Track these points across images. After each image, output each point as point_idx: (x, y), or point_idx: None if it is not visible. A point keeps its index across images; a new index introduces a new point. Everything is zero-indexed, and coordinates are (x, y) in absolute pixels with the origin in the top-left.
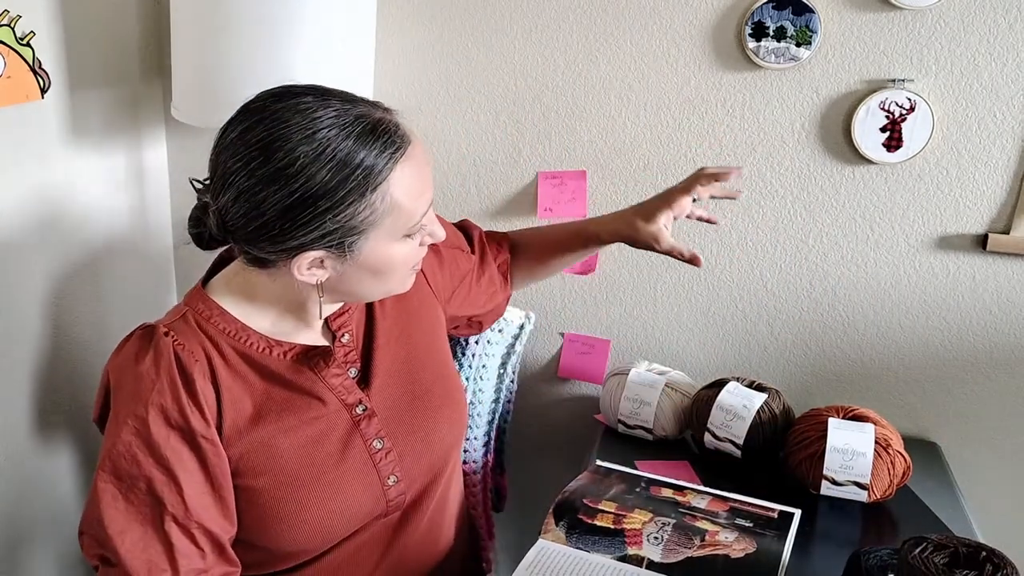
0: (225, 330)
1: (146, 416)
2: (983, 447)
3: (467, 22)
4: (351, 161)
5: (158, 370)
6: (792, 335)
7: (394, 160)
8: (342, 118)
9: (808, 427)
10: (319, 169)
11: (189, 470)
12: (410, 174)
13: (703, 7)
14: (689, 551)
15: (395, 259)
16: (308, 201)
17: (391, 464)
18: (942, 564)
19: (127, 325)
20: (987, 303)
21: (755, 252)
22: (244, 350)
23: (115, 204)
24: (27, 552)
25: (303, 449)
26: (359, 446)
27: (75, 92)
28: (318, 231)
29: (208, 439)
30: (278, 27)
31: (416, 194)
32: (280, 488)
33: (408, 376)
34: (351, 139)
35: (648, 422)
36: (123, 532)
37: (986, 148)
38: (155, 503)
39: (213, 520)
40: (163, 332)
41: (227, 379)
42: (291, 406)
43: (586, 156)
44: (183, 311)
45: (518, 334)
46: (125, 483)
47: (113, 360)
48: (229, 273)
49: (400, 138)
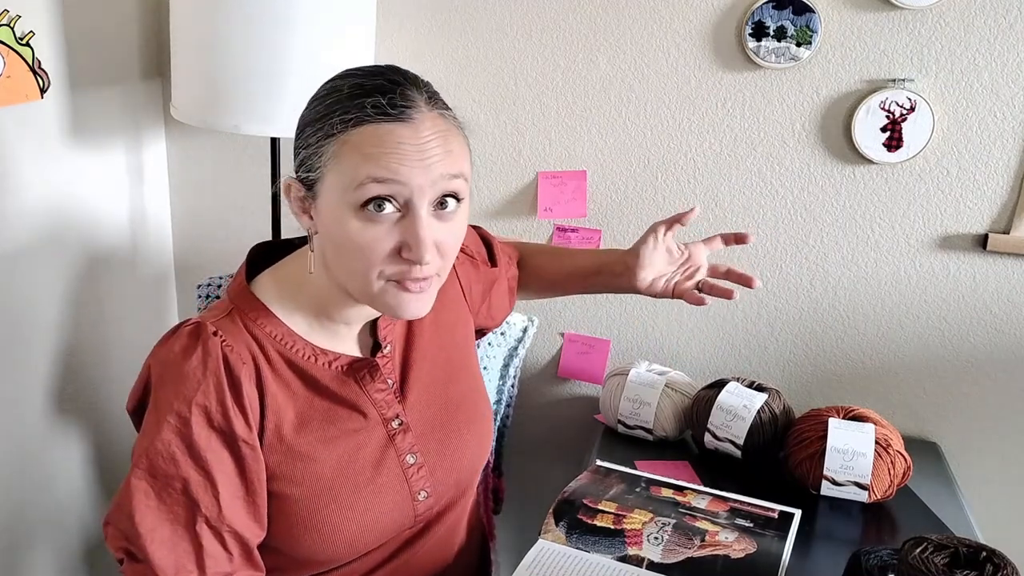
0: (272, 334)
1: (189, 416)
2: (983, 447)
3: (467, 22)
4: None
5: (205, 370)
6: (792, 335)
7: (371, 118)
8: (366, 74)
9: (808, 427)
10: (323, 101)
11: (226, 473)
12: (377, 141)
13: (703, 7)
14: (689, 551)
15: (346, 231)
16: (302, 123)
17: (423, 479)
18: (942, 564)
19: (126, 325)
20: (987, 303)
21: (755, 252)
22: (290, 356)
23: (115, 204)
24: (27, 552)
25: (340, 461)
26: (393, 460)
27: (75, 92)
28: (299, 156)
29: (249, 444)
30: (278, 27)
31: (370, 155)
32: (315, 498)
33: (442, 391)
34: (353, 90)
35: (648, 422)
36: (153, 530)
37: (986, 148)
38: (189, 504)
39: (244, 524)
40: (212, 331)
41: (272, 385)
42: (333, 417)
43: (586, 156)
44: (229, 308)
45: (521, 337)
46: (160, 482)
47: (157, 354)
48: (277, 270)
49: (396, 108)
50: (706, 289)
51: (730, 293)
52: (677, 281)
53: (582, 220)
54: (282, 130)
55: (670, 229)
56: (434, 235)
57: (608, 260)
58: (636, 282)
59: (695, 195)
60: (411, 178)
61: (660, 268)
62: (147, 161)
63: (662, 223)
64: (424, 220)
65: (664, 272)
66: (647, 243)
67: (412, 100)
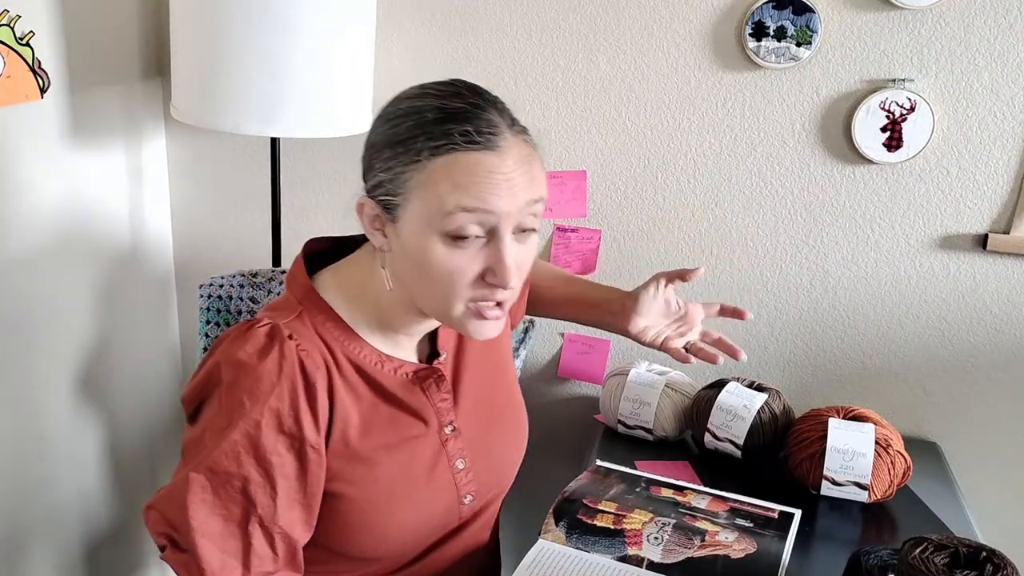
0: (340, 338)
1: (260, 419)
2: (983, 447)
3: (467, 22)
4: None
5: (280, 373)
6: (792, 335)
7: (458, 146)
8: (445, 95)
9: (808, 427)
10: (402, 122)
11: (288, 476)
12: (468, 170)
13: (703, 7)
14: (689, 551)
15: (434, 260)
16: (381, 144)
17: (470, 483)
18: (942, 564)
19: (126, 324)
20: (987, 303)
21: (755, 252)
22: (358, 361)
23: (115, 204)
24: (27, 552)
25: (399, 465)
26: (444, 465)
27: (75, 92)
28: (376, 177)
29: (316, 449)
30: (278, 27)
31: (459, 185)
32: (371, 500)
33: (488, 397)
34: (442, 112)
35: (648, 422)
36: (205, 523)
37: (986, 148)
38: (246, 503)
39: (296, 527)
40: (287, 335)
41: (341, 390)
42: (396, 423)
43: (586, 156)
44: (298, 310)
45: (522, 339)
46: (220, 478)
47: (228, 352)
48: (340, 271)
49: (483, 136)
50: (694, 351)
51: (715, 358)
52: (668, 336)
53: (582, 220)
54: (282, 130)
55: (671, 282)
56: (516, 258)
57: (608, 298)
58: (629, 326)
59: (695, 195)
60: (499, 207)
61: (655, 318)
62: (147, 161)
63: (664, 274)
64: (509, 246)
65: (658, 323)
66: (648, 290)
67: (497, 127)
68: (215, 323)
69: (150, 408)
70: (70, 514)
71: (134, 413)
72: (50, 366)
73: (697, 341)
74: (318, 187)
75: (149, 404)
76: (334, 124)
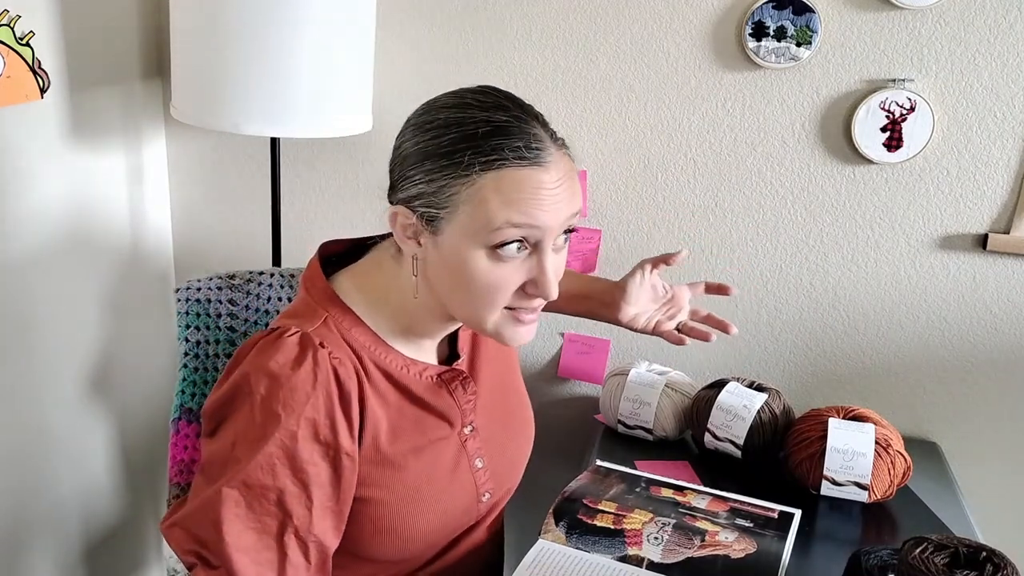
0: (366, 344)
1: (296, 429)
2: (983, 447)
3: (467, 22)
4: (472, 139)
5: (315, 383)
6: (792, 335)
7: (508, 162)
8: (488, 107)
9: (808, 427)
10: (445, 134)
11: (323, 485)
12: (517, 186)
13: (703, 7)
14: (689, 551)
15: (476, 272)
16: (421, 155)
17: (487, 482)
18: (942, 564)
19: (126, 324)
20: (987, 303)
21: (755, 252)
22: (384, 366)
23: (115, 204)
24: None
25: (426, 468)
26: (465, 464)
27: (75, 92)
28: (416, 187)
29: (351, 456)
30: (278, 27)
31: (509, 202)
32: (399, 503)
33: (502, 396)
34: (489, 126)
35: (648, 422)
36: (239, 538)
37: (986, 148)
38: (281, 515)
39: (329, 535)
40: (318, 343)
41: (371, 396)
42: (423, 426)
43: (586, 156)
44: (323, 317)
45: None
46: (254, 492)
47: (256, 363)
48: (359, 274)
49: (532, 152)
50: (685, 331)
51: (707, 336)
52: (659, 320)
53: (582, 220)
54: (282, 130)
55: (656, 267)
56: (555, 268)
57: (597, 288)
58: (620, 315)
59: (695, 195)
60: (545, 222)
61: (644, 304)
62: (147, 161)
63: (649, 260)
64: (550, 259)
65: (647, 309)
66: (634, 278)
67: (543, 141)
68: (195, 327)
69: (151, 407)
70: (71, 513)
71: (135, 412)
72: (51, 365)
73: (688, 321)
74: (318, 187)
75: (150, 403)
76: (334, 124)
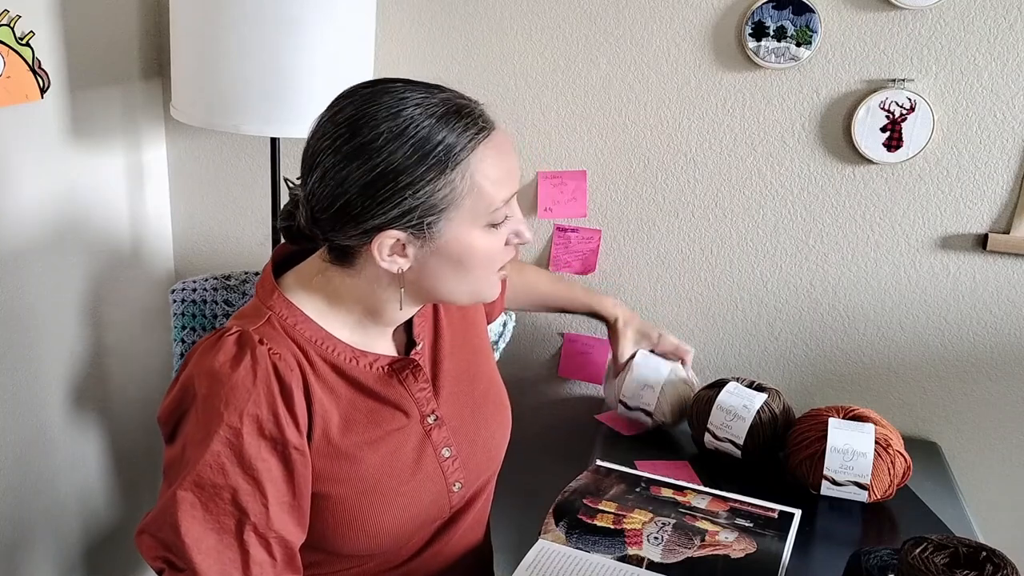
0: (312, 339)
1: (240, 427)
2: (983, 447)
3: (467, 22)
4: (432, 138)
5: (255, 379)
6: (792, 335)
7: (476, 141)
8: (427, 100)
9: (808, 427)
10: (401, 145)
11: (275, 481)
12: (493, 158)
13: (703, 7)
14: (689, 551)
15: (477, 250)
16: (389, 176)
17: (457, 471)
18: (942, 564)
19: (126, 325)
20: (987, 303)
21: (755, 252)
22: (332, 360)
23: (115, 204)
24: (27, 552)
25: (383, 459)
26: (430, 455)
27: (75, 92)
28: (398, 208)
29: (299, 450)
30: (278, 27)
31: (497, 179)
32: (360, 496)
33: (468, 383)
34: (434, 118)
35: (650, 405)
36: (199, 540)
37: (986, 148)
38: (238, 513)
39: (290, 530)
40: (257, 340)
41: (318, 389)
42: (377, 418)
43: (586, 156)
44: (266, 315)
45: (501, 332)
46: (207, 492)
47: (200, 364)
48: (307, 272)
49: (485, 122)
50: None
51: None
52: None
53: (582, 220)
54: (282, 130)
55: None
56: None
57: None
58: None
59: (695, 195)
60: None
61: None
62: (147, 161)
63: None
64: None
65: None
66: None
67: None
68: (191, 328)
69: (150, 408)
70: (70, 514)
71: (134, 413)
72: (50, 366)
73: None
74: None
75: (149, 404)
76: None
